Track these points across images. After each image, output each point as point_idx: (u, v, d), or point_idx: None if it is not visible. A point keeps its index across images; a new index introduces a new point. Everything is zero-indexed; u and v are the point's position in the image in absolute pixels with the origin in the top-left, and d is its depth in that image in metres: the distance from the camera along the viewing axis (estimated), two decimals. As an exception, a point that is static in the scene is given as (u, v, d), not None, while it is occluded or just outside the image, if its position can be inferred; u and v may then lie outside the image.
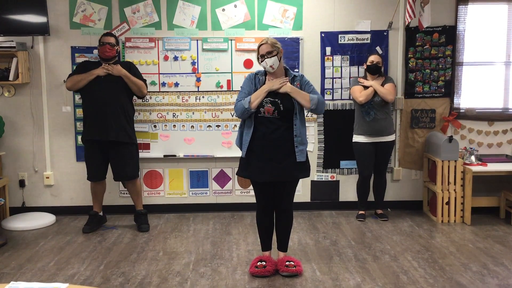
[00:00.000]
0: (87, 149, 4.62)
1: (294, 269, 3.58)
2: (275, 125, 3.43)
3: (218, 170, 5.20)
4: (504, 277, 3.61)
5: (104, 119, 4.45)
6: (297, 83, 3.53)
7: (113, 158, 4.59)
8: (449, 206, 4.89)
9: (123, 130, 4.52)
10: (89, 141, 4.56)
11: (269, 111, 3.41)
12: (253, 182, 3.62)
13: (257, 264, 3.62)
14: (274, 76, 3.52)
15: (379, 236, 4.48)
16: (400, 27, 5.11)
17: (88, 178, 4.68)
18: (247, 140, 3.48)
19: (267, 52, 3.43)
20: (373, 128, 4.78)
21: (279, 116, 3.43)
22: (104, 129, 4.46)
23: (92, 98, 4.48)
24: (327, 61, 5.12)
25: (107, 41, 4.47)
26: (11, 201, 5.06)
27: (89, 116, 4.55)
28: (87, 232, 4.58)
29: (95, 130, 4.49)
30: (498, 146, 5.29)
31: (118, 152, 4.55)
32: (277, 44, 3.48)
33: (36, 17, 4.77)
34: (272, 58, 3.43)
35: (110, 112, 4.46)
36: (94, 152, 4.57)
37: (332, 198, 5.29)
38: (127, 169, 4.61)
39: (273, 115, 3.42)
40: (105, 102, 4.45)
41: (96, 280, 3.55)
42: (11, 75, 4.79)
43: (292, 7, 5.03)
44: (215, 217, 5.08)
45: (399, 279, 3.55)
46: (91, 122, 4.53)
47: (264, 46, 3.45)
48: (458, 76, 5.21)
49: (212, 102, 5.08)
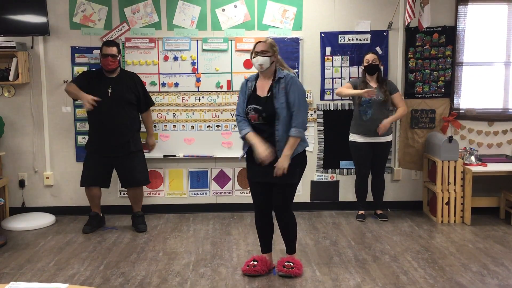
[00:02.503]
0: (88, 157, 4.61)
1: (290, 270, 3.57)
2: (261, 130, 3.46)
3: (218, 170, 5.20)
4: (504, 277, 3.61)
5: (109, 136, 4.48)
6: (282, 86, 3.42)
7: (120, 168, 4.60)
8: (449, 207, 4.89)
9: (128, 143, 4.54)
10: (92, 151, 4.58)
11: (254, 118, 3.46)
12: (248, 181, 3.70)
13: (250, 263, 3.65)
14: (264, 76, 3.52)
15: (379, 237, 4.48)
16: (400, 27, 5.11)
17: (82, 183, 4.63)
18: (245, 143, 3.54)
19: (262, 50, 3.45)
20: (369, 128, 4.78)
21: (264, 121, 3.45)
22: (110, 146, 4.50)
23: (96, 112, 4.40)
24: (327, 61, 5.12)
25: (110, 52, 4.42)
26: (11, 201, 5.06)
27: (94, 131, 4.56)
28: (88, 232, 4.58)
29: (100, 146, 4.51)
30: (498, 146, 5.29)
31: (125, 162, 4.56)
32: (274, 47, 3.48)
33: (36, 17, 4.77)
34: (265, 58, 3.43)
35: (115, 128, 4.47)
36: (95, 160, 4.55)
37: (332, 198, 5.29)
38: (136, 176, 4.63)
39: (258, 121, 3.46)
40: (109, 118, 4.44)
41: (96, 280, 3.55)
42: (11, 75, 4.79)
43: (292, 7, 5.03)
44: (215, 217, 5.08)
45: (399, 280, 3.55)
46: (96, 138, 4.54)
47: (261, 44, 3.48)
48: (458, 76, 5.21)
49: (212, 102, 5.08)
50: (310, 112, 5.12)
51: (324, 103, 5.16)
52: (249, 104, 3.48)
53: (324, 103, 5.16)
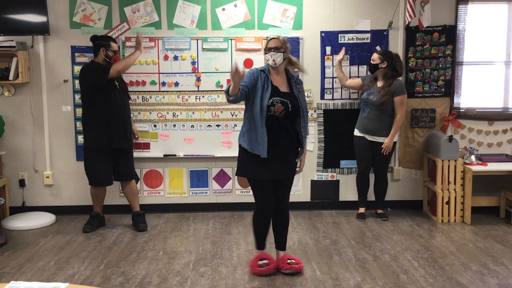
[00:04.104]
0: (97, 155, 4.52)
1: (297, 266, 3.61)
2: (282, 124, 3.44)
3: (218, 169, 5.20)
4: (504, 276, 3.61)
5: (124, 126, 4.54)
6: (299, 87, 3.57)
7: (118, 163, 4.62)
8: (449, 206, 4.89)
9: (130, 135, 4.69)
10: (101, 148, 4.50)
11: (279, 110, 3.42)
12: (256, 182, 3.53)
13: (259, 263, 3.61)
14: (276, 73, 3.53)
15: (379, 236, 4.48)
16: (400, 26, 5.11)
17: (99, 183, 4.63)
18: (264, 140, 3.40)
19: (275, 47, 3.48)
20: (366, 126, 4.82)
21: (285, 116, 3.44)
22: (124, 137, 4.56)
23: (113, 103, 4.43)
24: (327, 60, 5.12)
25: (117, 48, 4.55)
26: (11, 200, 5.06)
27: (108, 123, 4.45)
28: (88, 231, 4.58)
29: (114, 138, 4.49)
30: (498, 145, 5.29)
31: (123, 156, 4.63)
32: (287, 44, 3.55)
33: (36, 17, 4.77)
34: (278, 54, 3.47)
35: (127, 119, 4.60)
36: (105, 158, 4.54)
37: (332, 198, 5.29)
38: (132, 170, 4.75)
39: (281, 115, 3.43)
40: (123, 108, 4.55)
41: (96, 279, 3.55)
42: (11, 75, 4.79)
43: (292, 7, 5.03)
44: (215, 216, 5.08)
45: (399, 279, 3.56)
46: (110, 130, 4.46)
47: (274, 40, 3.52)
48: (458, 75, 5.21)
49: (212, 101, 5.08)
50: (310, 112, 5.12)
51: (324, 102, 5.16)
52: (272, 96, 3.43)
53: (324, 103, 5.16)
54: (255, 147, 3.42)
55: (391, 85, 4.71)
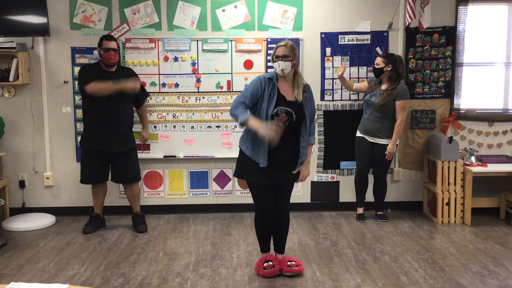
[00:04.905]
0: (85, 154, 4.58)
1: (297, 269, 3.61)
2: (284, 133, 3.36)
3: (218, 170, 5.20)
4: (504, 277, 3.61)
5: (110, 131, 4.46)
6: (307, 95, 3.52)
7: (114, 165, 4.61)
8: (449, 207, 4.89)
9: (125, 140, 4.58)
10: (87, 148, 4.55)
11: (282, 121, 3.39)
12: (254, 185, 3.53)
13: (264, 265, 3.61)
14: (284, 81, 3.48)
15: (379, 237, 4.48)
16: (400, 27, 5.11)
17: (85, 181, 4.64)
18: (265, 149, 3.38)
19: (284, 55, 3.41)
20: (366, 127, 4.83)
21: (289, 125, 3.41)
22: (109, 141, 4.48)
23: (99, 107, 4.42)
24: (327, 61, 5.12)
25: (111, 46, 4.43)
26: (11, 201, 5.06)
27: (93, 126, 4.50)
28: (88, 232, 4.58)
29: (98, 141, 4.48)
30: (498, 146, 5.29)
31: (119, 159, 4.58)
32: (295, 51, 3.46)
33: (36, 18, 4.77)
34: (286, 63, 3.40)
35: (116, 124, 4.48)
36: (93, 158, 4.55)
37: (332, 199, 5.29)
38: (129, 173, 4.66)
39: (283, 124, 3.39)
40: (111, 113, 4.44)
41: (96, 281, 3.55)
42: (11, 76, 4.79)
43: (292, 8, 5.03)
44: (215, 217, 5.08)
45: (399, 280, 3.55)
46: (94, 133, 4.49)
47: (282, 48, 3.43)
48: (458, 76, 5.21)
49: (212, 102, 5.08)
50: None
51: (324, 103, 5.16)
52: (278, 105, 3.39)
53: (324, 104, 5.16)
54: (255, 155, 3.44)
55: (395, 88, 4.69)
